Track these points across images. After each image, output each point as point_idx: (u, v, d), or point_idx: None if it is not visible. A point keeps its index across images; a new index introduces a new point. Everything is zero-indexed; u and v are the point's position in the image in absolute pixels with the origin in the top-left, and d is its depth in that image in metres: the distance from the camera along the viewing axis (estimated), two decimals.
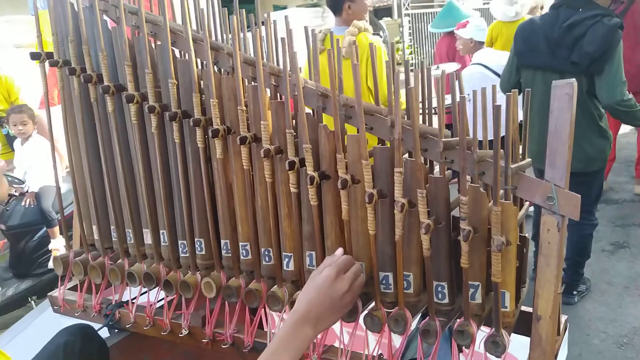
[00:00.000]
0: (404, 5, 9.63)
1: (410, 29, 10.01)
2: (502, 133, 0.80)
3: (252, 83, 1.04)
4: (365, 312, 0.94)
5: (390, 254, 0.93)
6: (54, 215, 3.17)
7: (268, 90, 1.06)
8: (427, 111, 1.11)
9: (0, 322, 2.93)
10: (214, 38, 1.14)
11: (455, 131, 0.89)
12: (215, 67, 1.11)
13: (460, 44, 3.87)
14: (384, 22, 11.99)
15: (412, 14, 9.96)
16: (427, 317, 0.90)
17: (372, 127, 0.97)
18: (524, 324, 0.92)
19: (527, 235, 0.96)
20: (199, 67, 1.12)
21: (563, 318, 0.99)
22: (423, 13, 10.18)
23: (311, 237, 0.99)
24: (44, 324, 1.39)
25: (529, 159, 0.96)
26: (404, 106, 1.10)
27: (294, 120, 0.98)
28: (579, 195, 0.80)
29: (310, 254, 1.00)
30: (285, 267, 1.04)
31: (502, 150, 0.89)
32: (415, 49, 10.12)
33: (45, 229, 3.19)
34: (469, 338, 0.85)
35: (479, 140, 0.91)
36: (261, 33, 1.06)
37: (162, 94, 1.11)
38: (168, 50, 1.07)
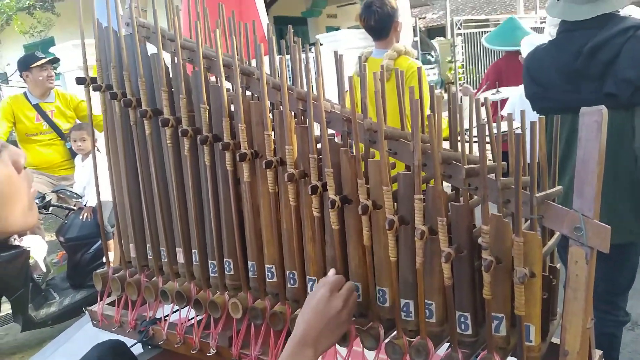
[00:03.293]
0: (457, 25, 9.50)
1: (463, 49, 9.86)
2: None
3: (280, 108, 1.06)
4: (387, 340, 0.93)
5: (412, 281, 0.91)
6: (109, 229, 3.32)
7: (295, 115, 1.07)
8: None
9: (56, 330, 3.08)
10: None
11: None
12: (247, 91, 1.14)
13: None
14: (437, 41, 11.88)
15: (465, 33, 9.81)
16: (450, 348, 0.87)
17: (396, 152, 0.96)
18: (555, 357, 0.88)
19: (557, 265, 0.92)
20: (232, 91, 1.15)
21: (597, 353, 0.93)
22: (477, 32, 10.01)
23: (334, 261, 0.99)
24: (84, 337, 1.45)
25: (559, 187, 0.93)
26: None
27: (319, 145, 0.99)
28: (609, 227, 0.76)
29: None
30: (309, 291, 1.04)
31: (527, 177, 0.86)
32: (469, 69, 9.96)
33: (100, 242, 3.34)
34: None
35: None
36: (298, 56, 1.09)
37: (195, 118, 1.15)
38: (201, 76, 1.11)
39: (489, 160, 0.90)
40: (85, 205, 3.36)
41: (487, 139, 0.88)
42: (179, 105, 1.15)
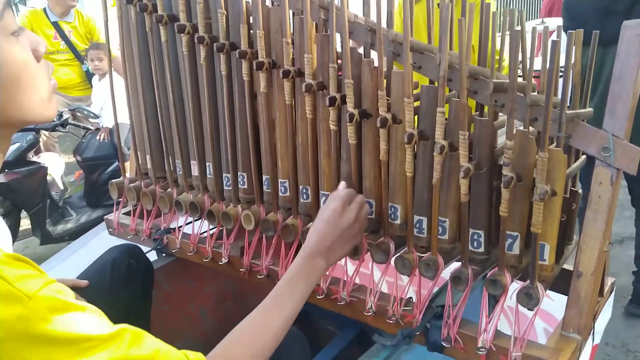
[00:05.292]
0: None
1: None
2: None
3: (301, 15, 1.01)
4: (397, 255, 0.93)
5: (427, 197, 0.89)
6: (126, 150, 3.34)
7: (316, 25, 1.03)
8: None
9: None
10: None
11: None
12: None
13: None
14: None
15: None
16: (460, 264, 0.87)
17: (421, 66, 0.92)
18: (567, 282, 0.87)
19: (579, 190, 0.89)
20: None
21: (610, 280, 0.92)
22: None
23: (349, 177, 0.98)
24: (100, 243, 1.49)
25: (590, 109, 0.88)
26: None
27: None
28: (639, 148, 0.73)
29: None
30: (322, 205, 1.03)
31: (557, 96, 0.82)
32: (501, 6, 9.43)
33: (117, 163, 3.37)
34: (501, 288, 0.81)
35: None
36: None
37: (212, 25, 1.11)
38: None
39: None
40: (102, 126, 3.37)
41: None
42: (196, 11, 1.10)
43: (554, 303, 1.07)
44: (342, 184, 0.94)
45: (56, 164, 3.28)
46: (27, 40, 0.63)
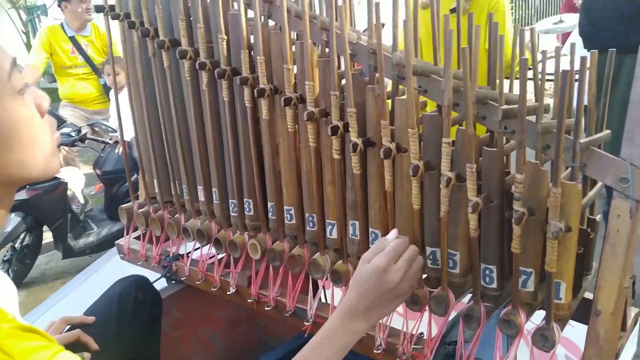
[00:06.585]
0: None
1: None
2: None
3: (301, 40, 0.98)
4: None
5: (438, 229, 0.85)
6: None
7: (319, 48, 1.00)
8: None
9: (94, 258, 3.21)
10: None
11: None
12: (271, 21, 1.06)
13: None
14: None
15: None
16: (472, 301, 0.83)
17: (427, 90, 0.88)
18: (587, 313, 0.82)
19: (597, 217, 0.84)
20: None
21: (633, 312, 0.87)
22: None
23: (354, 206, 0.94)
24: (113, 268, 1.48)
25: (607, 131, 0.83)
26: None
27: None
28: None
29: (353, 223, 0.96)
30: (328, 235, 1.00)
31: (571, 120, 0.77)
32: (518, 5, 9.21)
33: (136, 176, 3.39)
34: (515, 328, 0.77)
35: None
36: None
37: (214, 50, 1.09)
38: (219, 2, 1.03)
39: (530, 100, 0.81)
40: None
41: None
42: (198, 36, 1.08)
43: (574, 330, 1.01)
44: (393, 232, 0.82)
45: (76, 179, 3.32)
46: (32, 96, 0.63)
